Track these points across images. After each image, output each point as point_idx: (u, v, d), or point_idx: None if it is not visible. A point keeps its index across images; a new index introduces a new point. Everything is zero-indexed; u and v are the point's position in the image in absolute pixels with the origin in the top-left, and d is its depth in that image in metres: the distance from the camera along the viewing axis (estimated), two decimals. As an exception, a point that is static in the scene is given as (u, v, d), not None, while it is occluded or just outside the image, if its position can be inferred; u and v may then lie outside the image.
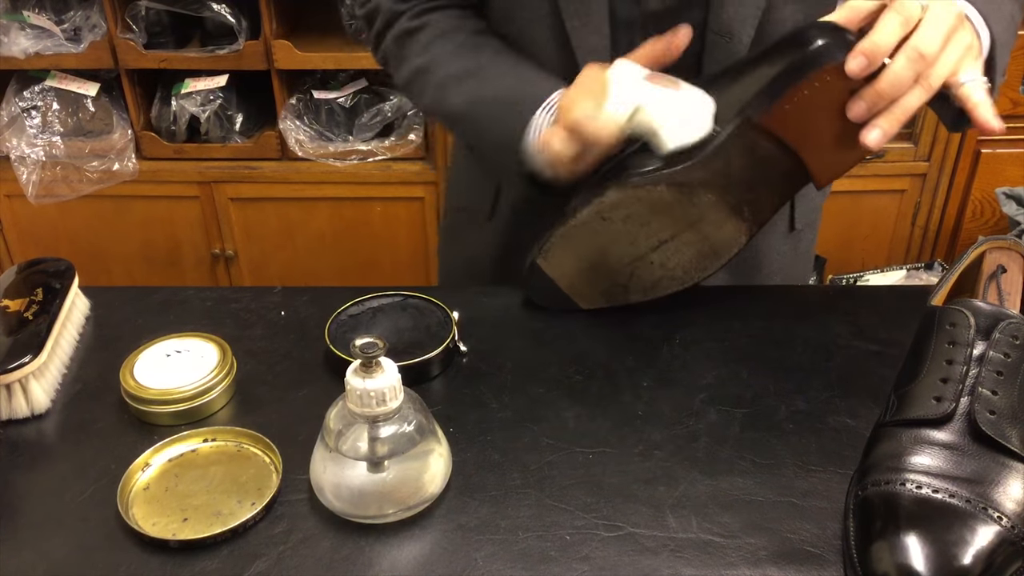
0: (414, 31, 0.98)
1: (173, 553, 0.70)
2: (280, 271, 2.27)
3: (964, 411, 0.69)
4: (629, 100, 0.82)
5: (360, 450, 0.72)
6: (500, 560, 0.69)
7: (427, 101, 0.99)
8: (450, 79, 0.96)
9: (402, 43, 0.99)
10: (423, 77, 0.98)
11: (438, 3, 0.99)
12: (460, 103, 0.95)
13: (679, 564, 0.69)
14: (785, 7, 0.91)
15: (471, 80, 0.95)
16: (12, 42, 1.99)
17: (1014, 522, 0.65)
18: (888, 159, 2.11)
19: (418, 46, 0.98)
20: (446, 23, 0.98)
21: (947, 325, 0.72)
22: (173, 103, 2.07)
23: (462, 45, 0.97)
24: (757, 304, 0.97)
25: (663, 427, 0.81)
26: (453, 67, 0.96)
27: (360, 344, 0.69)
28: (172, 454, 0.79)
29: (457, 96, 0.95)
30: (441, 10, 0.99)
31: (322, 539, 0.71)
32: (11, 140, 2.07)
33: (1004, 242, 0.84)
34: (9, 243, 2.26)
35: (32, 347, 0.83)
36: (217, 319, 0.96)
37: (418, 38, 0.98)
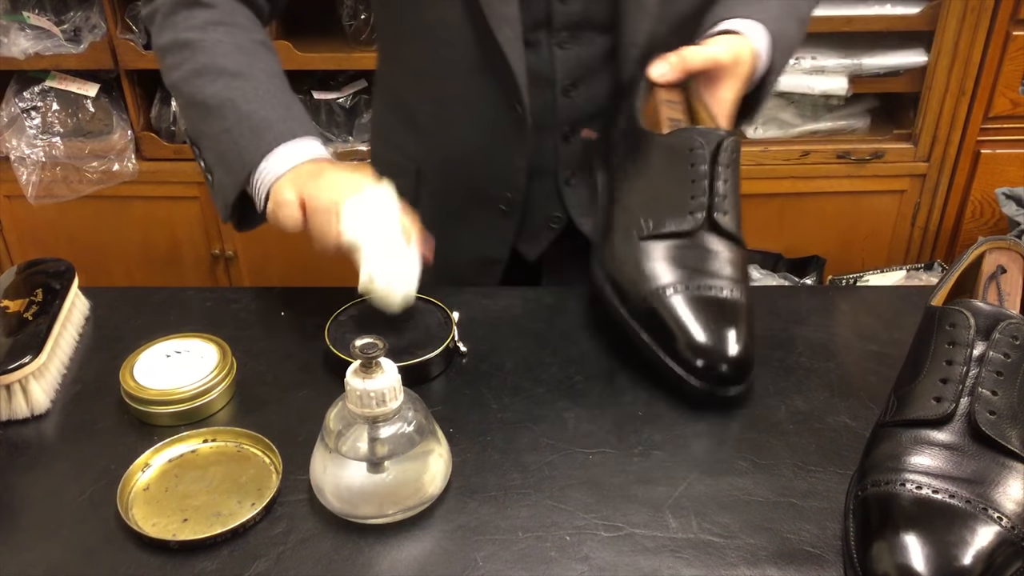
0: (198, 4, 0.95)
1: (173, 553, 0.70)
2: (280, 271, 2.26)
3: (964, 411, 0.69)
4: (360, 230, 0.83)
5: (360, 450, 0.72)
6: (500, 560, 0.69)
7: (177, 77, 0.95)
8: (213, 69, 0.93)
9: (179, 9, 0.95)
10: (186, 52, 0.94)
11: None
12: (210, 96, 0.92)
13: (679, 564, 0.69)
14: None
15: (234, 81, 0.92)
16: (12, 42, 1.99)
17: (1014, 522, 0.65)
18: (888, 159, 2.11)
19: (194, 21, 0.95)
20: (235, 16, 0.96)
21: (947, 325, 0.72)
22: (173, 103, 2.07)
23: (239, 46, 0.95)
24: (757, 304, 0.97)
25: (663, 427, 0.81)
26: (223, 61, 0.93)
27: (360, 344, 0.69)
28: (172, 454, 0.79)
29: (210, 88, 0.92)
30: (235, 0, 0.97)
31: (322, 539, 0.71)
32: (11, 140, 2.07)
33: (1004, 242, 0.84)
34: (9, 243, 2.26)
35: (32, 347, 0.83)
36: (217, 319, 0.96)
37: (197, 14, 0.95)
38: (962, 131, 2.08)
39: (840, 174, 2.12)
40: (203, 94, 0.92)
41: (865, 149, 2.10)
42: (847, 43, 2.02)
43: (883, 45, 2.03)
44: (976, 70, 2.00)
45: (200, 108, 0.93)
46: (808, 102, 2.10)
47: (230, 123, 0.90)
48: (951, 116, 2.05)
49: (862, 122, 2.14)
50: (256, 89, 0.92)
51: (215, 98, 0.91)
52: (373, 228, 0.84)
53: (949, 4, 1.93)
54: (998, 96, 2.03)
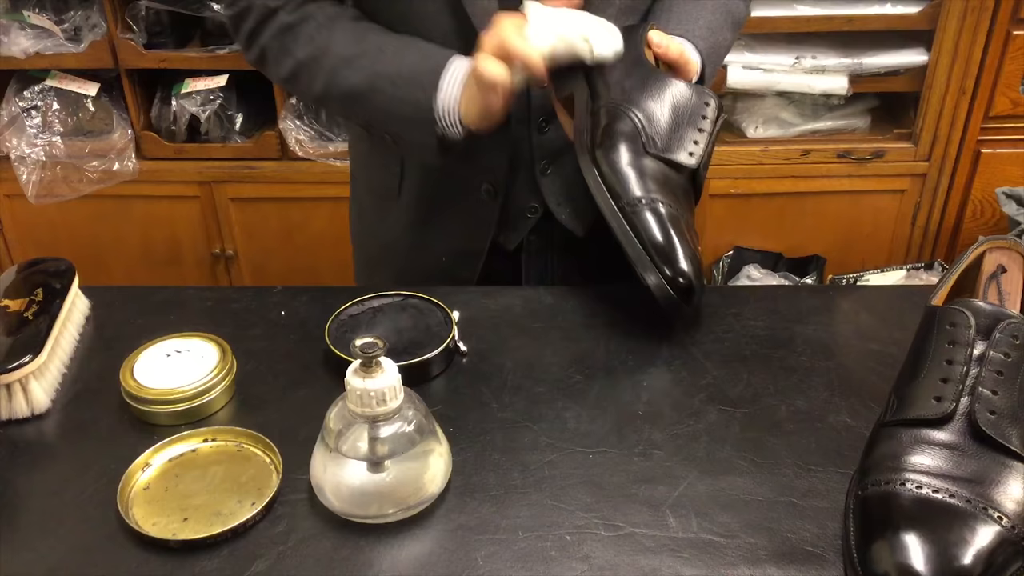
0: (295, 25, 0.99)
1: (173, 553, 0.70)
2: (280, 271, 2.26)
3: (964, 411, 0.69)
4: (549, 28, 0.90)
5: (360, 450, 0.72)
6: (500, 560, 0.69)
7: (319, 88, 1.00)
8: (343, 61, 0.98)
9: (284, 38, 1.00)
10: (313, 66, 0.99)
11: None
12: (358, 81, 0.97)
13: (679, 564, 0.69)
14: None
15: (365, 59, 0.97)
16: (12, 42, 1.99)
17: (1014, 522, 0.65)
18: (888, 159, 2.11)
19: (303, 38, 0.99)
20: (326, 13, 1.00)
21: (947, 325, 0.72)
22: (173, 103, 2.07)
23: (348, 30, 0.99)
24: (757, 304, 0.97)
25: (663, 427, 0.81)
26: (345, 50, 0.98)
27: (360, 344, 0.69)
28: (172, 454, 0.79)
29: (354, 75, 0.97)
30: (316, 1, 1.00)
31: (322, 539, 0.71)
32: (11, 140, 2.07)
33: (1004, 242, 0.84)
34: (9, 243, 2.26)
35: (32, 347, 0.83)
36: (217, 319, 0.96)
37: (300, 30, 0.99)
38: (962, 131, 2.07)
39: (840, 174, 2.12)
40: (349, 85, 0.98)
41: (865, 149, 2.10)
42: (847, 43, 2.02)
43: (883, 45, 2.03)
44: (976, 70, 2.00)
45: (355, 97, 0.99)
46: (808, 101, 2.10)
47: (389, 91, 0.96)
48: (951, 116, 2.05)
49: (862, 122, 2.14)
50: (385, 53, 0.97)
51: (363, 81, 0.97)
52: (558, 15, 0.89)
53: (949, 4, 1.92)
54: (998, 96, 2.03)
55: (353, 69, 0.97)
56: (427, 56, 0.97)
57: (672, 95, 0.95)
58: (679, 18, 1.04)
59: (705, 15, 1.05)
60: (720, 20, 1.07)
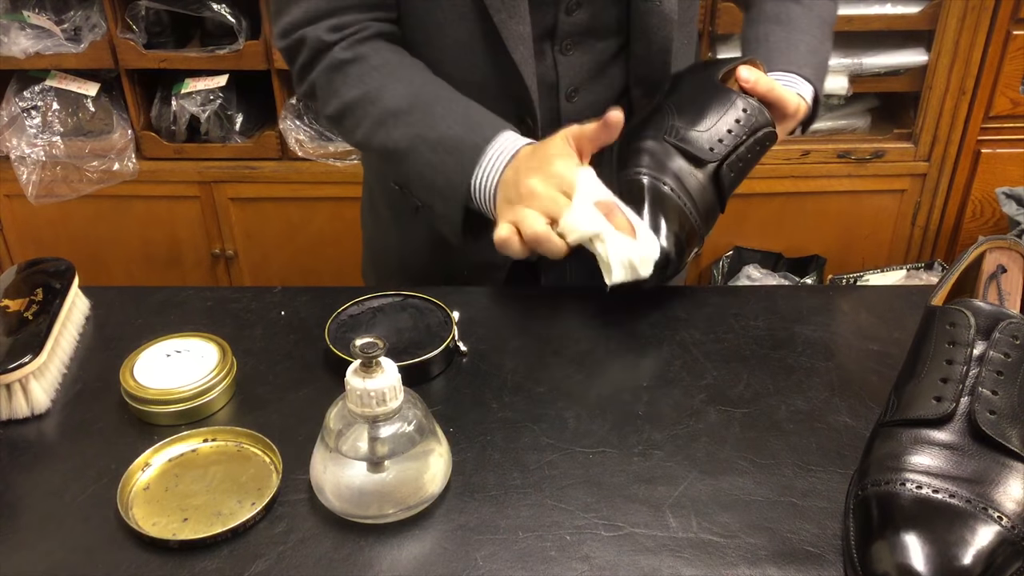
0: (347, 63, 0.97)
1: (173, 553, 0.70)
2: (280, 271, 2.27)
3: (964, 411, 0.69)
4: (588, 228, 0.85)
5: (360, 450, 0.72)
6: (500, 560, 0.69)
7: (361, 135, 0.98)
8: (388, 115, 0.95)
9: (333, 76, 0.97)
10: (359, 110, 0.97)
11: (369, 32, 0.98)
12: (399, 139, 0.95)
13: (679, 564, 0.69)
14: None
15: (412, 116, 0.94)
16: (12, 42, 1.99)
17: (1014, 522, 0.65)
18: (888, 159, 2.11)
19: (352, 79, 0.96)
20: (380, 56, 0.97)
21: (947, 325, 0.72)
22: (173, 103, 2.07)
23: (402, 80, 0.96)
24: (757, 304, 0.97)
25: (663, 427, 0.81)
26: (392, 102, 0.95)
27: (360, 344, 0.69)
28: (172, 454, 0.79)
29: (396, 132, 0.95)
30: (373, 41, 0.98)
31: (322, 539, 0.71)
32: (11, 140, 2.07)
33: (1004, 242, 0.84)
34: (9, 243, 2.26)
35: (32, 347, 0.83)
36: (217, 319, 0.96)
37: (351, 70, 0.97)
38: (962, 131, 2.08)
39: (840, 173, 2.12)
40: (392, 141, 0.95)
41: (865, 148, 2.10)
42: (847, 42, 2.02)
43: (883, 44, 2.03)
44: (976, 70, 2.00)
45: (395, 155, 0.96)
46: (808, 102, 2.10)
47: (427, 156, 0.93)
48: (951, 116, 2.05)
49: (862, 121, 2.14)
50: (433, 114, 0.94)
51: (404, 140, 0.94)
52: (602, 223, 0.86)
53: (949, 4, 1.93)
54: (998, 96, 2.03)
55: (397, 125, 0.95)
56: (474, 127, 0.93)
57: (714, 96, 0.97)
58: (779, 48, 1.03)
59: (804, 38, 1.04)
60: (818, 36, 1.06)
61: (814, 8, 1.07)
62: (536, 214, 0.86)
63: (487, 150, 0.91)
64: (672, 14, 0.99)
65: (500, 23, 0.94)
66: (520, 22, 0.95)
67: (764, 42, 1.05)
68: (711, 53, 2.01)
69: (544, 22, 0.98)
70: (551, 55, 1.01)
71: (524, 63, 0.97)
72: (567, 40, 1.00)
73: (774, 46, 1.04)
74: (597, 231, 0.85)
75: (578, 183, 0.87)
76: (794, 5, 1.06)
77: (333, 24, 0.96)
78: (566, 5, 0.98)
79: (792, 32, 1.04)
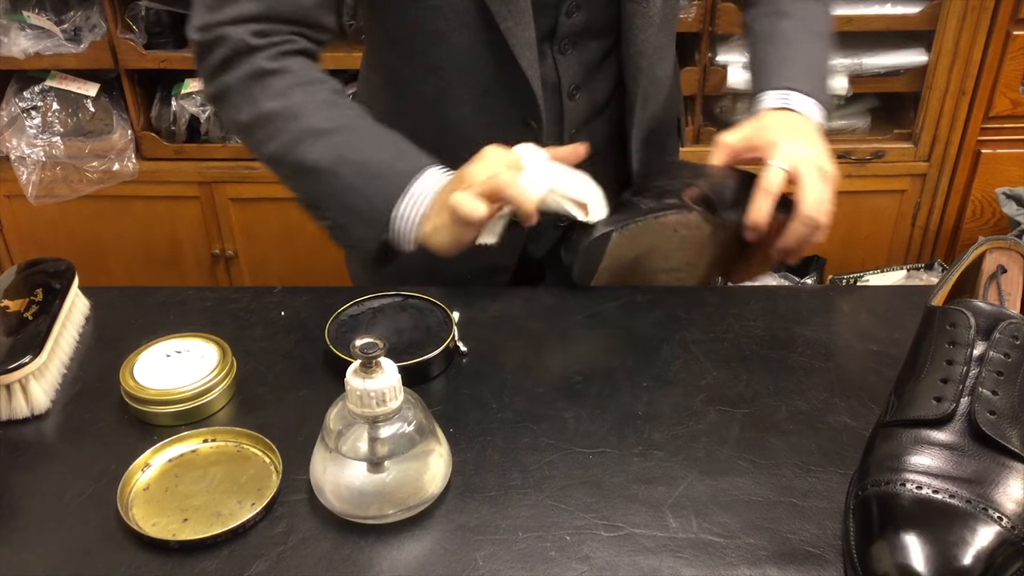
0: (269, 73, 0.93)
1: (173, 553, 0.70)
2: (280, 271, 2.26)
3: (964, 411, 0.69)
4: (543, 179, 0.90)
5: (360, 450, 0.72)
6: (500, 560, 0.69)
7: (274, 148, 0.94)
8: (310, 132, 0.93)
9: (252, 84, 0.94)
10: (277, 123, 0.94)
11: (295, 47, 0.95)
12: (320, 157, 0.92)
13: (679, 564, 0.69)
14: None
15: (337, 137, 0.93)
16: (12, 42, 1.99)
17: (1014, 522, 0.65)
18: (888, 159, 2.11)
19: (273, 90, 0.93)
20: (306, 73, 0.95)
21: (947, 325, 0.72)
22: (173, 103, 2.07)
23: (326, 102, 0.95)
24: (757, 304, 0.97)
25: (663, 427, 0.81)
26: (317, 121, 0.93)
27: (360, 344, 0.69)
28: (172, 454, 0.79)
29: (318, 150, 0.92)
30: (298, 56, 0.96)
31: (322, 539, 0.71)
32: (11, 140, 2.07)
33: (1004, 242, 0.84)
34: (9, 243, 2.26)
35: (32, 347, 0.83)
36: (217, 319, 0.96)
37: (273, 82, 0.94)
38: (962, 131, 2.07)
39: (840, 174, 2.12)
40: (310, 158, 0.92)
41: (865, 149, 2.10)
42: (847, 43, 2.02)
43: (883, 45, 2.03)
44: (976, 70, 2.00)
45: (311, 173, 0.93)
46: (808, 102, 2.10)
47: (349, 179, 0.92)
48: (951, 116, 2.05)
49: (862, 122, 2.14)
50: (359, 138, 0.93)
51: (324, 159, 0.92)
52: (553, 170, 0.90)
53: (949, 4, 1.92)
54: (998, 96, 2.03)
55: (318, 144, 0.92)
56: (402, 155, 0.93)
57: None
58: (777, 66, 1.04)
59: (799, 54, 1.05)
60: (816, 48, 1.06)
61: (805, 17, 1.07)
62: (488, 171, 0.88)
63: (414, 177, 0.91)
64: (655, 17, 1.01)
65: (507, 31, 0.94)
66: (526, 28, 0.95)
67: (762, 64, 1.06)
68: (711, 54, 2.02)
69: (545, 25, 0.99)
70: (551, 55, 1.02)
71: (530, 68, 0.97)
72: (564, 40, 1.01)
73: (770, 67, 1.04)
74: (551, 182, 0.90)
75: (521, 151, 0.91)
76: (784, 19, 1.07)
77: (259, 29, 0.93)
78: (567, 8, 0.98)
79: (783, 48, 1.05)
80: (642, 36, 1.01)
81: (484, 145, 0.99)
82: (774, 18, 1.07)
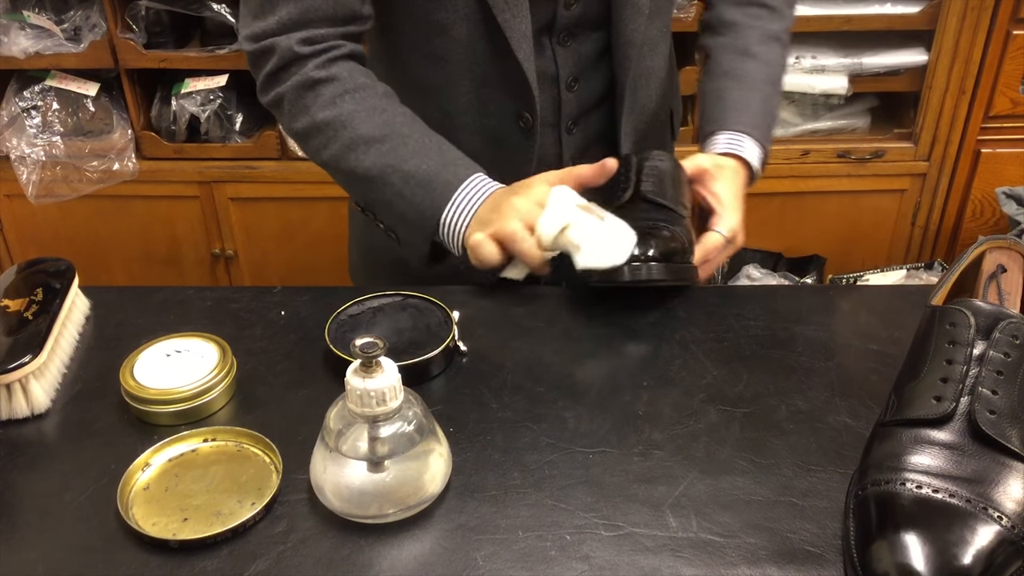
0: (319, 82, 0.97)
1: (173, 553, 0.70)
2: (280, 271, 2.26)
3: (964, 411, 0.69)
4: (559, 220, 0.90)
5: (360, 450, 0.72)
6: (500, 560, 0.69)
7: (328, 156, 0.98)
8: (361, 140, 0.96)
9: (305, 93, 0.97)
10: (328, 132, 0.97)
11: (342, 52, 0.98)
12: (370, 166, 0.96)
13: (679, 564, 0.69)
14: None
15: (385, 145, 0.95)
16: (12, 42, 1.99)
17: (1014, 522, 0.65)
18: (888, 159, 2.11)
19: (324, 99, 0.97)
20: (354, 80, 0.98)
21: (947, 325, 0.72)
22: (173, 103, 2.07)
23: (375, 109, 0.97)
24: (757, 304, 0.97)
25: (663, 427, 0.81)
26: (366, 130, 0.96)
27: (360, 344, 0.69)
28: (172, 454, 0.79)
29: (368, 159, 0.96)
30: (345, 61, 0.98)
31: (322, 539, 0.71)
32: (11, 140, 2.07)
33: (1004, 242, 0.84)
34: (9, 243, 2.26)
35: (32, 347, 0.83)
36: (217, 319, 0.96)
37: (324, 91, 0.97)
38: (962, 130, 2.07)
39: (840, 173, 2.12)
40: (362, 167, 0.96)
41: (865, 148, 2.10)
42: (847, 42, 2.02)
43: (883, 44, 2.03)
44: (976, 69, 2.00)
45: (364, 181, 0.97)
46: (808, 101, 2.10)
47: (398, 187, 0.95)
48: (951, 115, 2.05)
49: (862, 121, 2.14)
50: (407, 146, 0.96)
51: (374, 168, 0.95)
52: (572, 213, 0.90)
53: (949, 3, 1.92)
54: (998, 95, 2.03)
55: (369, 152, 0.96)
56: (447, 164, 0.95)
57: None
58: (735, 107, 1.08)
59: (756, 101, 1.09)
60: (772, 98, 1.11)
61: (769, 62, 1.11)
62: (511, 219, 0.90)
63: (460, 188, 0.94)
64: (644, 7, 1.02)
65: (504, 23, 0.96)
66: (522, 20, 0.97)
67: (720, 99, 1.09)
68: (709, 53, 2.01)
69: (544, 17, 1.00)
70: (550, 47, 1.03)
71: (526, 60, 0.99)
72: (563, 32, 1.02)
73: (729, 105, 1.08)
74: (566, 222, 0.89)
75: (552, 192, 0.91)
76: (749, 60, 1.10)
77: (305, 36, 0.96)
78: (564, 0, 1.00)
79: (745, 90, 1.09)
80: (631, 26, 1.03)
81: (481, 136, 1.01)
82: (740, 57, 1.10)
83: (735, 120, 1.07)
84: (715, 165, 1.04)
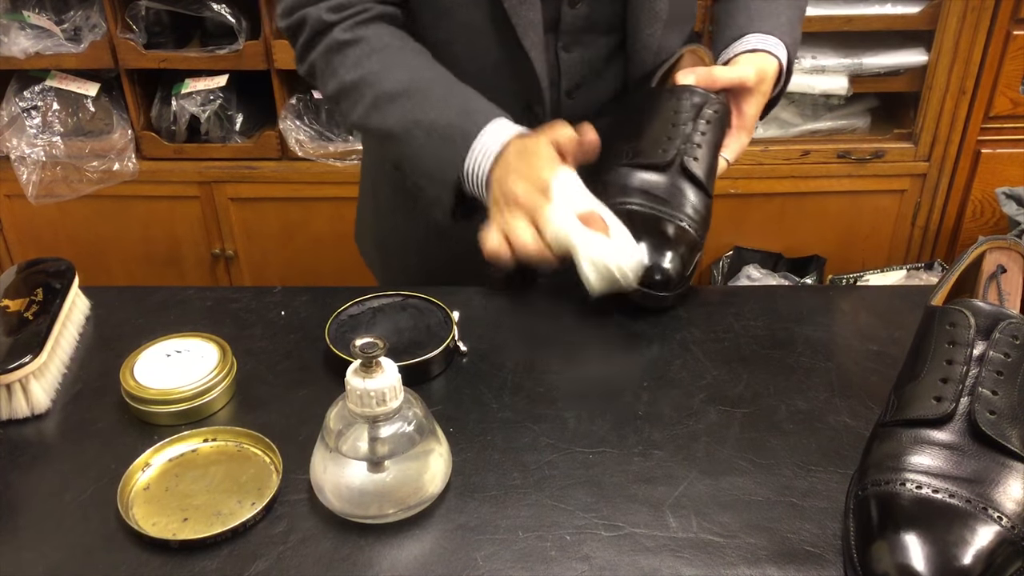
0: (346, 44, 0.97)
1: (173, 553, 0.70)
2: (280, 271, 2.26)
3: (964, 411, 0.69)
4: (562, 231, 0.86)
5: (360, 450, 0.72)
6: (500, 560, 0.69)
7: (357, 117, 0.98)
8: (384, 98, 0.95)
9: (332, 57, 0.98)
10: (356, 92, 0.97)
11: (371, 14, 0.98)
12: (395, 123, 0.95)
13: (679, 564, 0.69)
14: None
15: (408, 101, 0.95)
16: (12, 42, 1.99)
17: (1014, 522, 0.65)
18: (888, 159, 2.11)
19: (350, 61, 0.97)
20: (380, 40, 0.98)
21: (947, 325, 0.72)
22: (173, 103, 2.07)
23: (399, 64, 0.97)
24: (757, 304, 0.97)
25: (663, 427, 0.81)
26: (388, 85, 0.96)
27: (360, 344, 0.69)
28: (172, 454, 0.79)
29: (392, 115, 0.95)
30: (374, 23, 0.98)
31: (322, 539, 0.71)
32: (11, 140, 2.07)
33: (1004, 242, 0.84)
34: (9, 243, 2.26)
35: (32, 347, 0.83)
36: (217, 319, 0.96)
37: (350, 52, 0.97)
38: (962, 131, 2.07)
39: (840, 174, 2.12)
40: (386, 125, 0.96)
41: (865, 149, 2.10)
42: (847, 42, 2.02)
43: (883, 44, 2.03)
44: (976, 70, 2.00)
45: (390, 138, 0.97)
46: (808, 101, 2.10)
47: (421, 141, 0.94)
48: (951, 116, 2.05)
49: (862, 122, 2.14)
50: (428, 99, 0.95)
51: (398, 124, 0.95)
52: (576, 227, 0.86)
53: (949, 4, 1.92)
54: (998, 96, 2.03)
55: (393, 109, 0.95)
56: (468, 113, 0.94)
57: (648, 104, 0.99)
58: (761, 15, 1.05)
59: (784, 11, 1.07)
60: (797, 14, 1.09)
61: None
62: (524, 224, 0.87)
63: (478, 137, 0.92)
64: (662, 12, 1.01)
65: (511, 8, 0.95)
66: (531, 8, 0.96)
67: (744, 11, 1.07)
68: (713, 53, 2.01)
69: (548, 15, 0.99)
70: (554, 51, 1.02)
71: (534, 49, 0.98)
72: (568, 37, 1.01)
73: (755, 12, 1.06)
74: (573, 242, 0.86)
75: (556, 188, 0.88)
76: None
77: (334, 4, 0.97)
78: None
79: (775, 4, 1.07)
80: (648, 31, 1.02)
81: None
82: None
83: (766, 25, 1.05)
84: (759, 79, 1.01)
